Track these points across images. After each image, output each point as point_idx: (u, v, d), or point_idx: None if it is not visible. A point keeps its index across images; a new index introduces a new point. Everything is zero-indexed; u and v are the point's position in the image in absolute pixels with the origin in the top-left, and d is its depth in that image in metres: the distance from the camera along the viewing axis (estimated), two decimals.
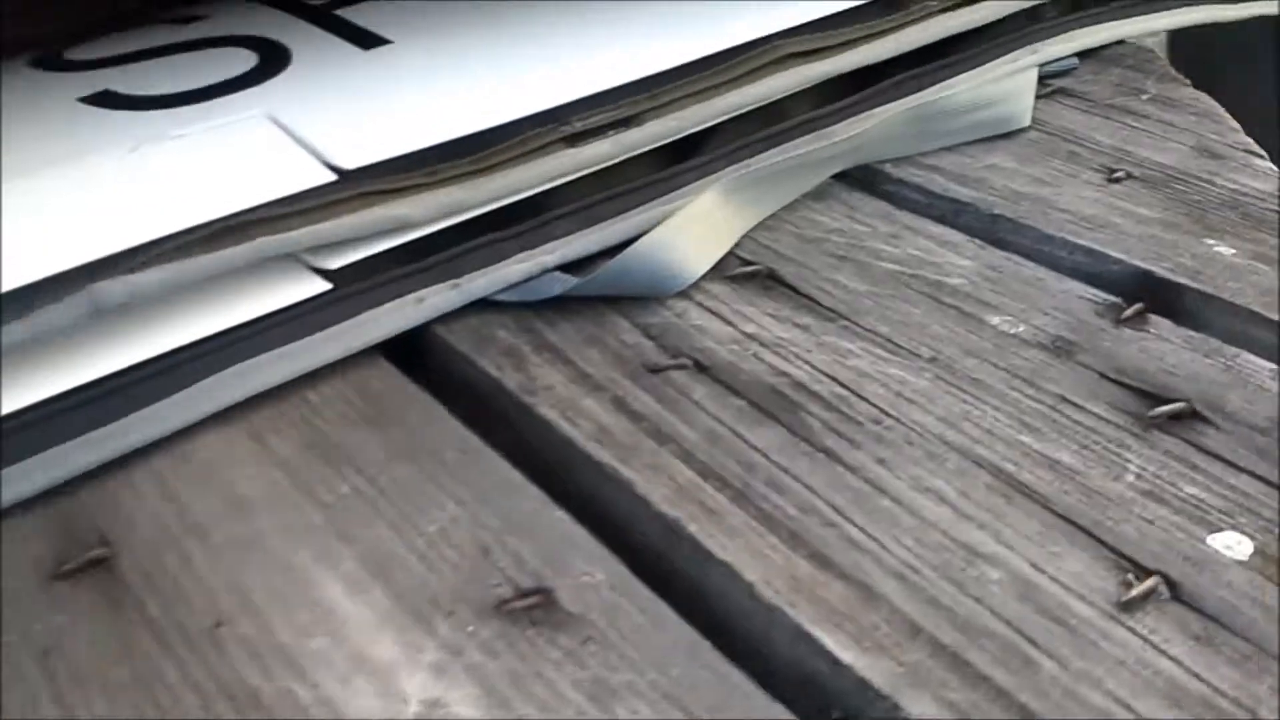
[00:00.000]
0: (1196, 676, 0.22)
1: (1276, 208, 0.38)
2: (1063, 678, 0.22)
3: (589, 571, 0.25)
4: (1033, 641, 0.23)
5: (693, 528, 0.26)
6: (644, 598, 0.25)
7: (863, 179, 0.41)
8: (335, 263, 0.31)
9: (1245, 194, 0.39)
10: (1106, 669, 0.23)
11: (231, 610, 0.25)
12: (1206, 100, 0.46)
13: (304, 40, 0.35)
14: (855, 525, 0.26)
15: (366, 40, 0.35)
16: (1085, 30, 0.49)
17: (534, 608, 0.24)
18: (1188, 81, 0.49)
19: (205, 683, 0.23)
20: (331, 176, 0.31)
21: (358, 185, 0.31)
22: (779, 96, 0.40)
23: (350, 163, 0.31)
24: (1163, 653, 0.23)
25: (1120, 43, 0.50)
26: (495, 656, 0.23)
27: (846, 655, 0.23)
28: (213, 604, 0.25)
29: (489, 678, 0.23)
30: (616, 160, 0.37)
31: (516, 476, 0.28)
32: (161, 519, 0.27)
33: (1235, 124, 0.45)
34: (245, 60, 0.35)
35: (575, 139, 0.36)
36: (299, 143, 0.31)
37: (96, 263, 0.28)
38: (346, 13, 0.38)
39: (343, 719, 0.22)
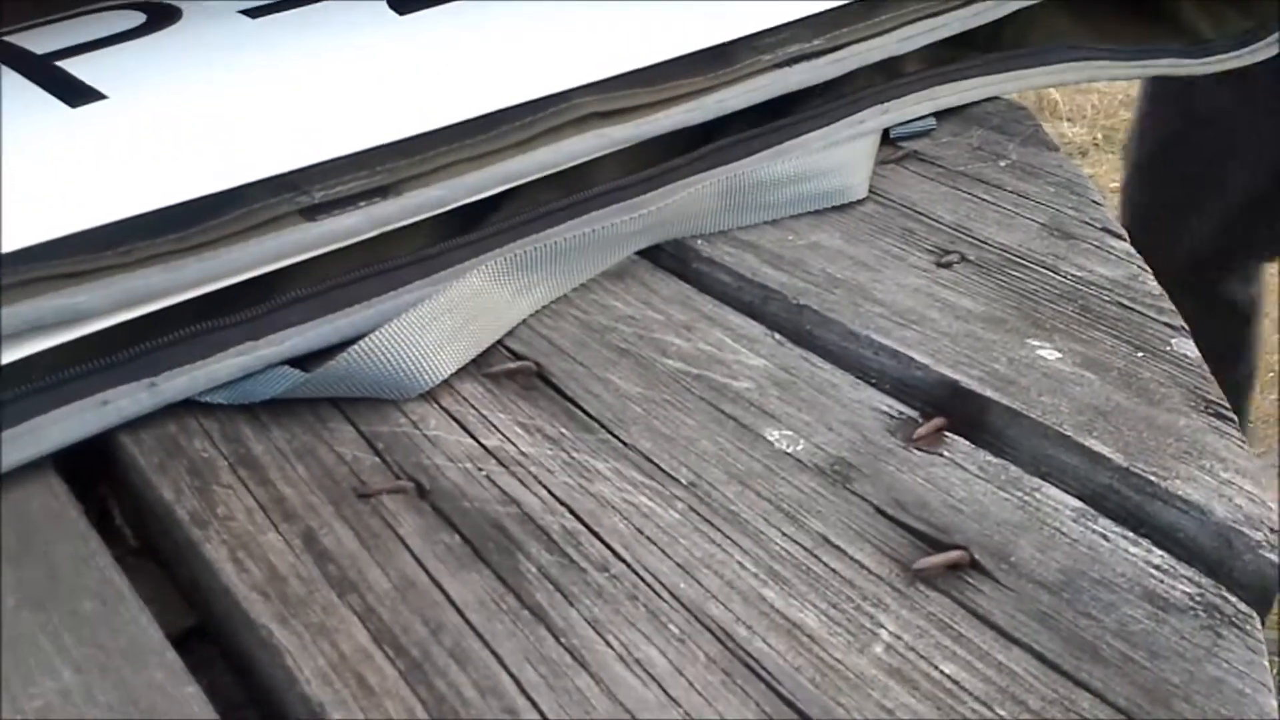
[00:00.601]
0: None
1: (1120, 300, 0.34)
2: None
3: None
4: None
5: (337, 715, 0.22)
6: None
7: (674, 255, 0.37)
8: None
9: (1090, 282, 0.35)
10: None
11: None
12: (1071, 168, 0.43)
13: (4, 93, 0.30)
14: (539, 712, 0.22)
15: (77, 95, 0.31)
16: (948, 87, 0.45)
17: None
18: (1057, 146, 0.45)
19: None
20: None
21: (23, 270, 0.27)
22: (575, 163, 0.36)
23: (13, 243, 0.27)
24: None
25: (993, 99, 0.47)
26: None
27: None
28: None
29: None
30: (367, 236, 0.32)
31: (155, 637, 0.24)
32: None
33: (1099, 197, 0.41)
34: None
35: (314, 211, 0.31)
36: None
37: None
38: (70, 63, 0.33)
39: None
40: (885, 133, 0.42)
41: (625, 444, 0.29)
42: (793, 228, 0.38)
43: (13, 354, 0.27)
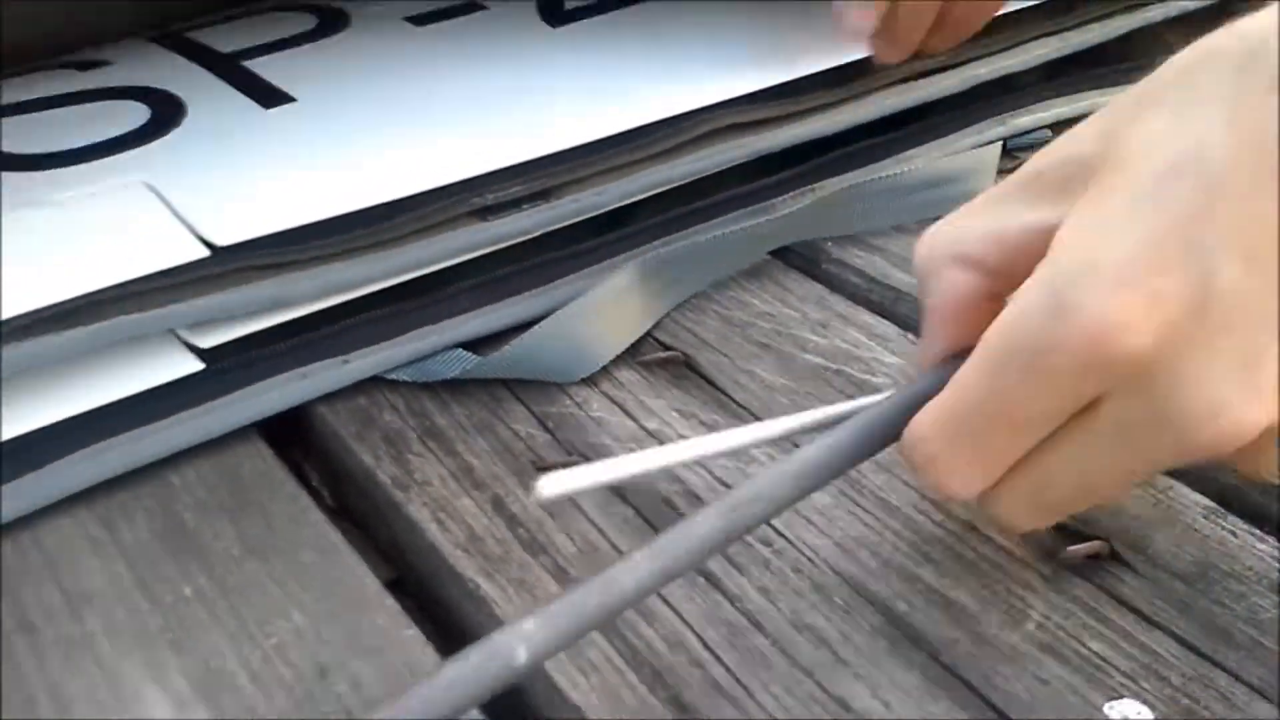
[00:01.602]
0: None
1: None
2: None
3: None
4: None
5: (549, 660, 0.24)
6: None
7: (805, 256, 0.39)
8: (210, 340, 0.29)
9: None
10: None
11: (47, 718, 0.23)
12: None
13: (203, 94, 0.33)
14: (724, 666, 0.24)
15: (269, 97, 0.34)
16: (1063, 100, 0.47)
17: None
18: None
19: None
20: (205, 252, 0.29)
21: (232, 262, 0.30)
22: (714, 171, 0.39)
23: (225, 239, 0.30)
24: None
25: None
26: None
27: None
28: (30, 708, 0.23)
29: None
30: (532, 235, 0.35)
31: (372, 585, 0.26)
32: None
33: None
34: (137, 115, 0.33)
35: (486, 212, 0.34)
36: (175, 215, 0.29)
37: None
38: (255, 64, 0.36)
39: None
40: (1003, 143, 0.44)
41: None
42: (918, 232, 0.40)
43: (231, 334, 0.30)
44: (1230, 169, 0.21)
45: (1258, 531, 0.28)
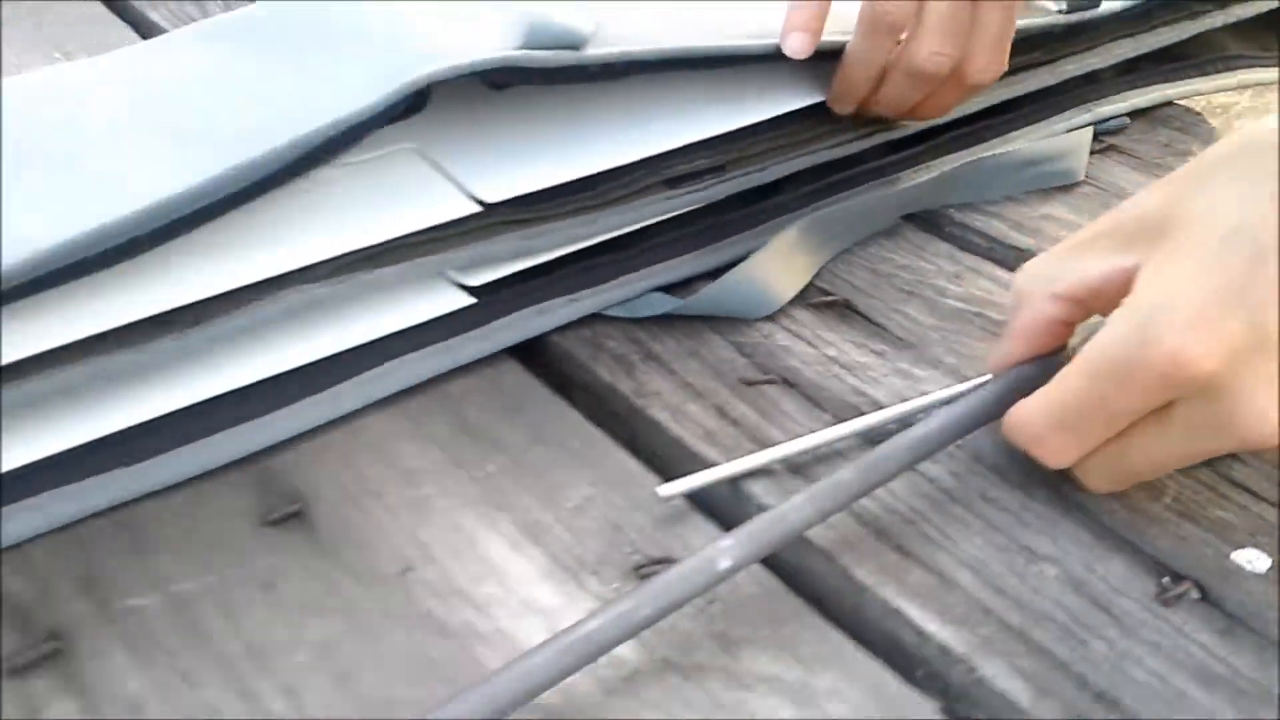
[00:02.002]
0: (1221, 661, 0.27)
1: None
2: (1110, 655, 0.27)
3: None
4: (1085, 626, 0.28)
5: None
6: (757, 571, 0.29)
7: (930, 221, 0.46)
8: (477, 280, 0.36)
9: None
10: (1146, 650, 0.27)
11: (415, 559, 0.29)
12: None
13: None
14: (932, 524, 0.31)
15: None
16: (1137, 91, 0.54)
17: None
18: None
19: (402, 616, 0.28)
20: (476, 208, 0.36)
21: (496, 216, 0.36)
22: (856, 151, 0.45)
23: (492, 197, 0.36)
24: (1193, 640, 0.28)
25: (1169, 104, 0.55)
26: None
27: (930, 627, 0.28)
28: (399, 554, 0.30)
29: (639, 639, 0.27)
30: (711, 200, 0.42)
31: (634, 465, 0.33)
32: (343, 482, 0.32)
33: None
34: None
35: (674, 182, 0.41)
36: (447, 177, 0.36)
37: (290, 274, 0.33)
38: None
39: (517, 648, 0.26)
40: (1092, 128, 0.51)
41: (934, 359, 0.38)
42: (1027, 202, 0.47)
43: (494, 275, 0.36)
44: (1274, 237, 0.28)
45: None
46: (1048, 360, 0.33)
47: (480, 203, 0.36)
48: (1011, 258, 0.43)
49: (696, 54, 0.40)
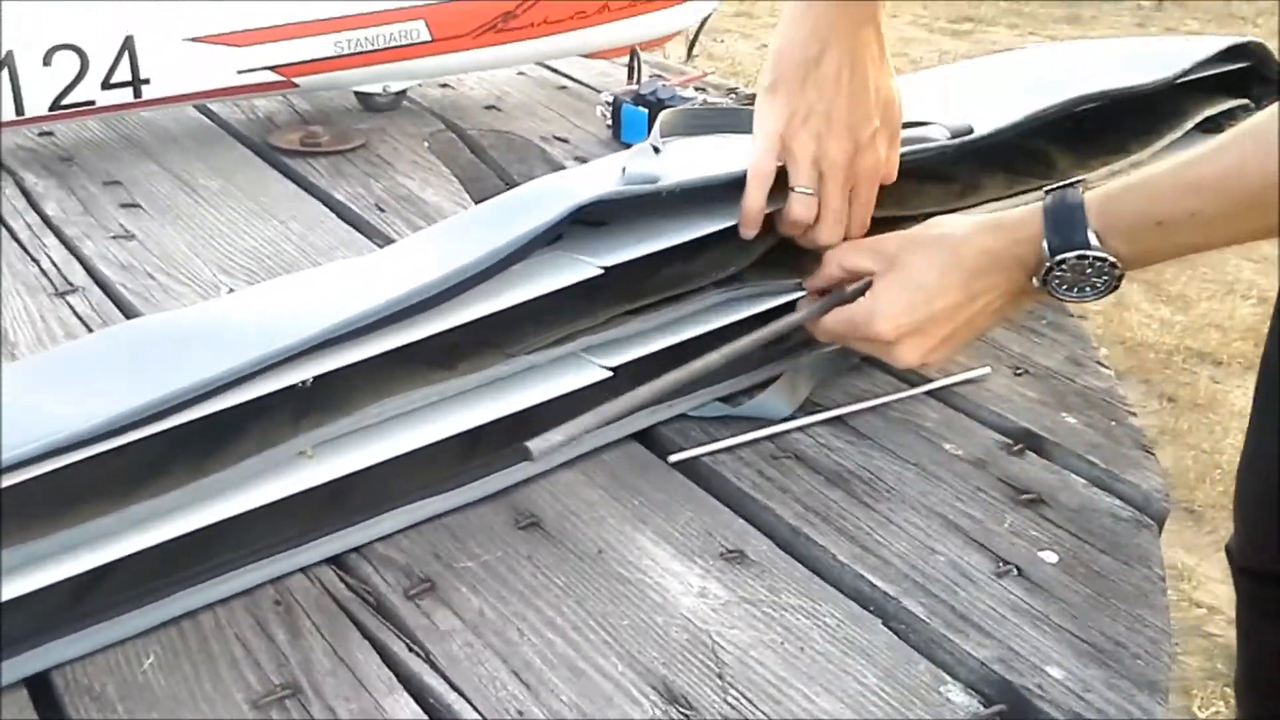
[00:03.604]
0: (1028, 604, 0.52)
1: (1110, 400, 0.69)
2: (967, 598, 0.52)
3: (759, 545, 0.55)
4: (954, 583, 0.53)
5: (806, 530, 0.56)
6: (785, 557, 0.55)
7: (881, 361, 0.72)
8: (612, 362, 0.62)
9: (1091, 388, 0.70)
10: (986, 596, 0.52)
11: (603, 547, 0.54)
12: (1081, 328, 0.78)
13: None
14: (878, 535, 0.56)
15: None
16: None
17: (736, 558, 0.54)
18: (1072, 314, 0.80)
19: (600, 575, 0.52)
20: (599, 271, 0.61)
21: (617, 305, 0.63)
22: None
23: (610, 262, 0.62)
24: (1014, 595, 0.53)
25: None
26: (723, 574, 0.53)
27: (879, 583, 0.53)
28: (594, 544, 0.55)
29: (726, 584, 0.53)
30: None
31: (715, 503, 0.59)
32: (555, 507, 0.57)
33: (1094, 344, 0.77)
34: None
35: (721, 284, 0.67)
36: (584, 260, 0.62)
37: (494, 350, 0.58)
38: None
39: (665, 594, 0.51)
40: None
41: (883, 446, 0.63)
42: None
43: (620, 359, 0.62)
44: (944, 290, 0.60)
45: None
46: (835, 295, 0.64)
47: (603, 268, 0.62)
48: (935, 391, 0.70)
49: (716, 181, 0.66)
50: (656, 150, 0.70)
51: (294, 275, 0.65)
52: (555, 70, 1.27)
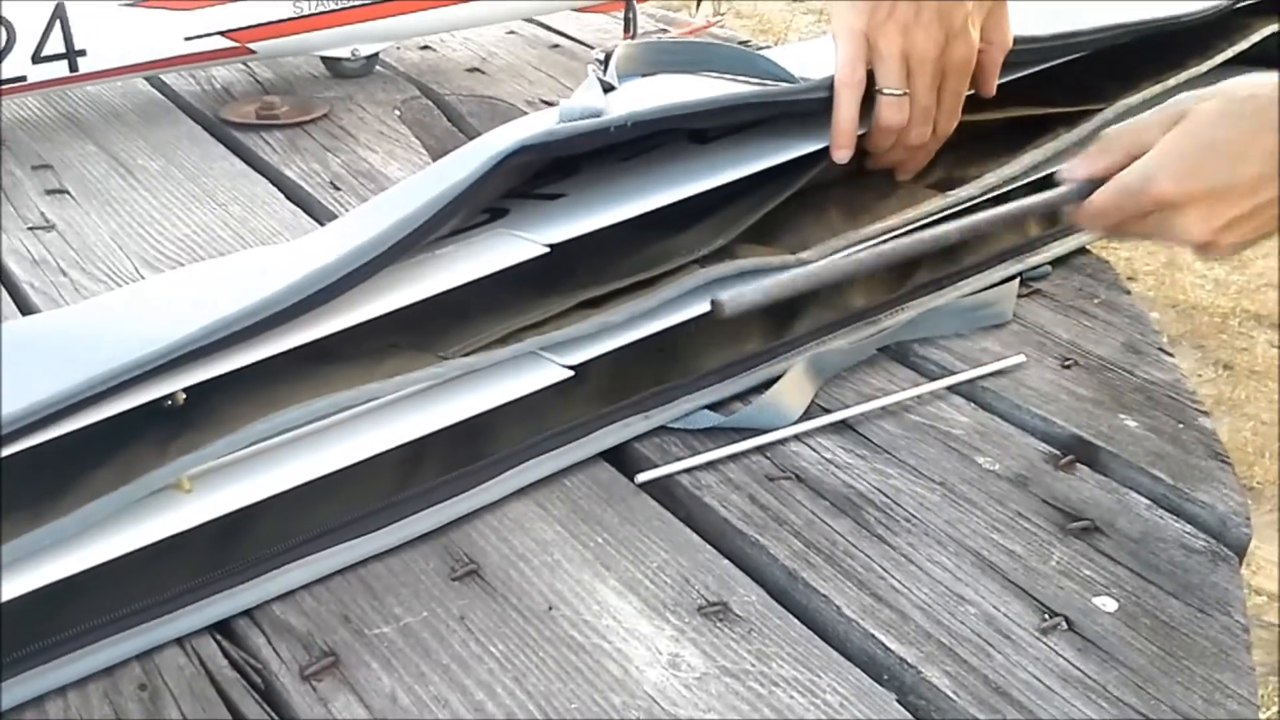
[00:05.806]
0: (1079, 669, 0.42)
1: (1176, 396, 0.58)
2: (1005, 664, 0.42)
3: (746, 595, 0.45)
4: (989, 643, 0.43)
5: (805, 574, 0.46)
6: (778, 611, 0.44)
7: (898, 353, 0.62)
8: (573, 360, 0.52)
9: (1153, 383, 0.59)
10: (1028, 661, 0.42)
11: (556, 601, 0.44)
12: (1138, 307, 0.67)
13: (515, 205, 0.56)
14: (894, 579, 0.46)
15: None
16: (1058, 243, 0.70)
17: (718, 612, 0.44)
18: (1129, 290, 0.69)
19: (547, 640, 0.43)
20: (544, 250, 0.50)
21: (574, 295, 0.52)
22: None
23: (554, 240, 0.51)
24: (1060, 655, 0.42)
25: (1084, 250, 0.71)
26: (701, 635, 0.43)
27: (895, 646, 0.42)
28: (544, 598, 0.45)
29: (703, 650, 0.43)
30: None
31: (695, 539, 0.48)
32: (501, 550, 0.47)
33: (1156, 328, 0.65)
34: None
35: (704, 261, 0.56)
36: (523, 238, 0.51)
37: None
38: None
39: (627, 666, 0.41)
40: (1019, 277, 0.67)
41: (900, 461, 0.53)
42: (970, 338, 0.62)
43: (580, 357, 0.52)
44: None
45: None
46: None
47: (549, 246, 0.51)
48: (965, 387, 0.59)
49: (691, 108, 0.55)
50: (607, 90, 0.58)
51: (191, 267, 0.55)
52: (547, 27, 1.16)
